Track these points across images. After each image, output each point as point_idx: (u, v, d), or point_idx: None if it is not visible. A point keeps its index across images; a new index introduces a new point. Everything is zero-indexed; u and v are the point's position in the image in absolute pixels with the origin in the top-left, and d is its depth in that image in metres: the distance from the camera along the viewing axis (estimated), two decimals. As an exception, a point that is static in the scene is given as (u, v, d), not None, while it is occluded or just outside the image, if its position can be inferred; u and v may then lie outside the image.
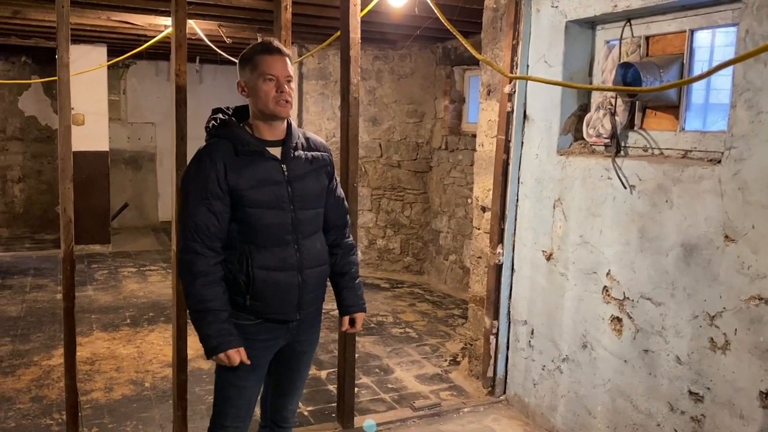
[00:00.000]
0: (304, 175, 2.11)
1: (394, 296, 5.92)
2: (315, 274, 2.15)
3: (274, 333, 2.14)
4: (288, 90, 2.04)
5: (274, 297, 2.07)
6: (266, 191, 2.03)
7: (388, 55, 6.40)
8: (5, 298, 5.47)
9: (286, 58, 2.07)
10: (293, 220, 2.07)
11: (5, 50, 7.90)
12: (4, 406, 3.45)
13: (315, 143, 2.21)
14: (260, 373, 2.19)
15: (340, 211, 2.28)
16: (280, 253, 2.05)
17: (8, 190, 8.47)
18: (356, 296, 2.32)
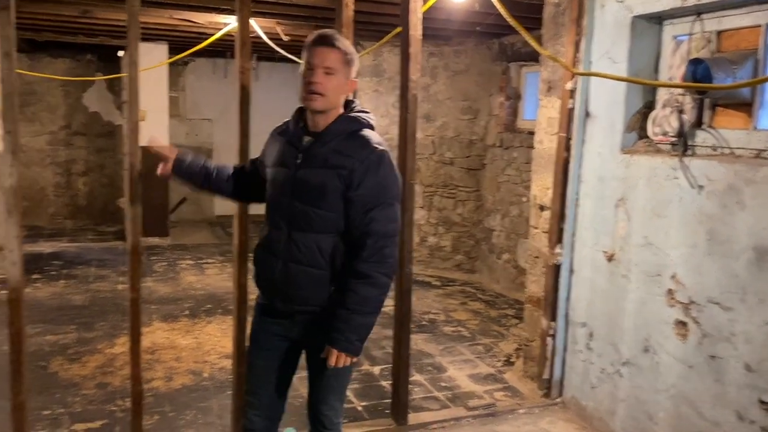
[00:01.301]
0: (312, 169, 2.06)
1: (446, 294, 5.90)
2: (302, 272, 2.07)
3: (276, 321, 2.19)
4: (318, 80, 2.00)
5: (260, 277, 2.19)
6: (277, 173, 2.15)
7: (443, 51, 6.36)
8: (71, 287, 5.69)
9: (336, 50, 2.03)
10: (288, 209, 2.10)
11: (72, 48, 8.20)
12: (72, 391, 3.59)
13: (349, 147, 2.04)
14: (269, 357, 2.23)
15: (358, 231, 2.03)
16: (272, 236, 2.13)
17: (73, 184, 8.80)
18: (336, 327, 2.02)
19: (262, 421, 2.30)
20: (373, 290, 2.02)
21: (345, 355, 2.04)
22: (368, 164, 2.02)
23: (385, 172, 2.05)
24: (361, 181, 2.02)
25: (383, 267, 2.03)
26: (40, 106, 8.47)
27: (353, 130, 2.09)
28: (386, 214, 2.04)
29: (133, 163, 2.54)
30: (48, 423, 3.22)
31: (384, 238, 2.02)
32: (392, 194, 2.08)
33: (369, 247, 2.01)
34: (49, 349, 4.19)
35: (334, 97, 2.07)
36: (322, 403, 2.25)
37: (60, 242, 7.56)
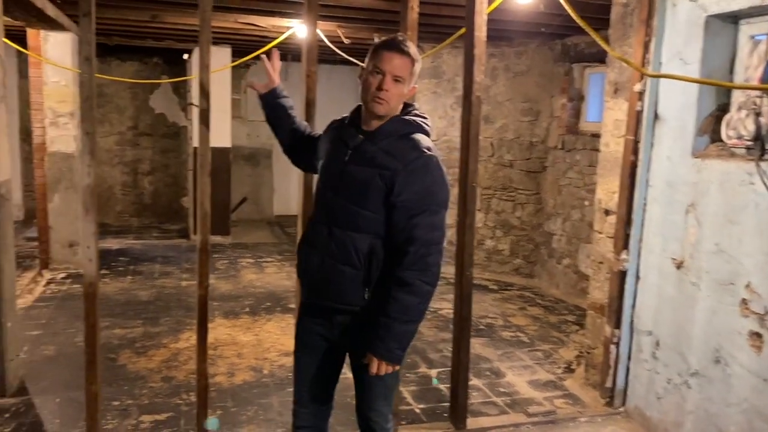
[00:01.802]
0: (358, 167, 2.05)
1: (503, 299, 5.83)
2: (337, 269, 2.05)
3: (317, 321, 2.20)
4: (389, 89, 1.99)
5: (301, 269, 2.19)
6: (326, 168, 2.18)
7: (503, 52, 6.30)
8: (137, 283, 5.89)
9: (406, 57, 2.02)
10: (331, 204, 2.10)
11: (140, 52, 8.49)
12: (139, 384, 3.71)
13: (398, 149, 2.02)
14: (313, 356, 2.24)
15: (401, 237, 1.99)
16: (316, 229, 2.14)
17: (139, 183, 9.12)
18: (375, 335, 2.00)
19: (310, 418, 2.32)
20: (415, 299, 1.98)
21: (386, 364, 2.02)
22: (413, 168, 1.99)
23: (431, 177, 2.01)
24: (405, 186, 1.98)
25: (426, 275, 1.99)
26: (110, 107, 8.81)
27: (406, 132, 2.06)
28: (431, 221, 1.99)
29: (204, 165, 2.61)
30: (117, 414, 3.34)
31: (427, 246, 1.98)
32: (438, 201, 2.02)
33: (411, 254, 1.97)
34: (118, 343, 4.35)
35: (397, 103, 2.07)
36: (370, 410, 2.25)
37: (126, 239, 7.84)
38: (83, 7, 2.36)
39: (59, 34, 5.87)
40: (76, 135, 6.16)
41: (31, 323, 4.63)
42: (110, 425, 3.20)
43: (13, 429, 3.14)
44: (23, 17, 4.88)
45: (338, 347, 2.22)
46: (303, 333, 2.27)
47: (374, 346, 2.01)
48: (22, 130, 8.41)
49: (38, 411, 3.34)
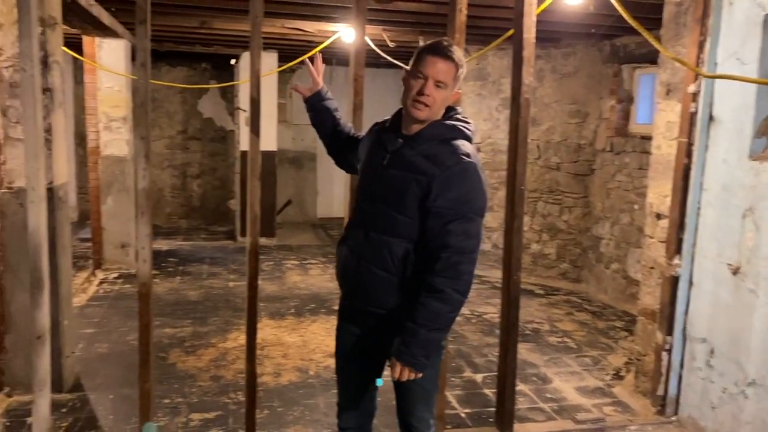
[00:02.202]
0: (396, 171, 2.03)
1: (550, 303, 5.75)
2: (372, 273, 2.05)
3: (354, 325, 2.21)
4: (430, 93, 1.96)
5: (339, 271, 2.21)
6: (365, 171, 2.18)
7: (550, 53, 6.22)
8: (186, 283, 6.02)
9: (450, 62, 1.98)
10: (368, 208, 2.10)
11: (189, 57, 8.70)
12: (188, 383, 3.79)
13: (436, 154, 1.99)
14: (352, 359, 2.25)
15: (434, 243, 1.96)
16: (353, 233, 2.15)
17: (188, 185, 9.32)
18: (401, 340, 1.98)
19: (354, 420, 2.34)
20: (444, 306, 1.95)
21: (408, 370, 1.98)
22: (450, 174, 1.95)
23: (469, 184, 1.97)
24: (441, 192, 1.95)
25: (457, 283, 1.95)
26: (160, 112, 9.03)
27: (446, 137, 2.03)
28: (465, 229, 1.95)
29: (254, 169, 2.65)
30: (168, 411, 3.42)
31: (460, 254, 1.94)
32: (474, 208, 1.98)
33: (444, 260, 1.93)
34: (168, 342, 4.45)
35: (439, 108, 2.03)
36: (410, 415, 2.24)
37: (175, 240, 8.02)
38: (139, 14, 2.42)
39: (113, 41, 6.06)
40: (128, 139, 6.34)
41: (85, 321, 4.78)
42: (162, 422, 3.28)
43: (70, 424, 3.25)
44: (80, 25, 5.05)
45: (376, 350, 2.21)
46: (342, 336, 2.29)
47: (398, 351, 1.99)
48: (77, 134, 8.70)
49: (93, 407, 3.44)
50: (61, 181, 3.54)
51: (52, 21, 3.37)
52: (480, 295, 5.85)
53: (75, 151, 8.76)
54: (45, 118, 3.28)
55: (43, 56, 3.24)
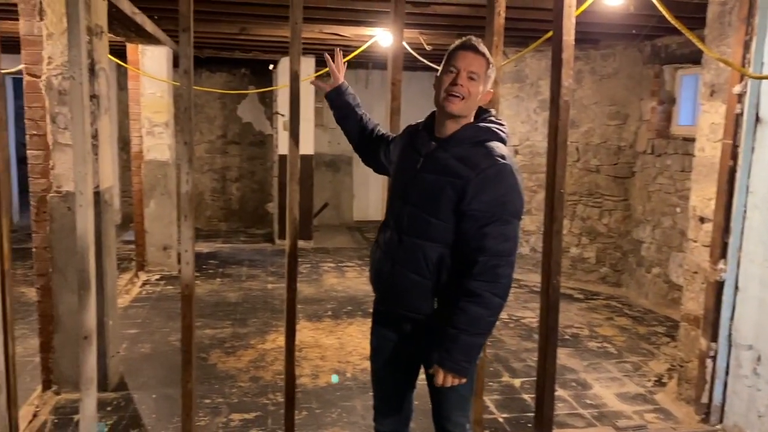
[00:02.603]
0: (430, 174, 2.02)
1: (589, 308, 5.66)
2: (406, 277, 2.05)
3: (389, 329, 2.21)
4: (463, 84, 1.96)
5: (372, 274, 2.22)
6: (398, 174, 2.18)
7: (589, 54, 6.14)
8: (225, 285, 6.12)
9: (481, 57, 2.00)
10: (402, 211, 2.09)
11: (228, 63, 8.85)
12: (228, 383, 3.85)
13: (471, 156, 1.97)
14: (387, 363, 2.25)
15: (470, 246, 1.94)
16: (387, 235, 2.14)
17: (227, 189, 9.48)
18: (442, 346, 1.96)
19: (390, 424, 2.34)
20: (484, 311, 1.93)
21: (452, 376, 1.97)
22: (486, 177, 1.93)
23: (505, 187, 1.95)
24: (476, 195, 1.93)
25: (495, 287, 1.93)
26: (201, 117, 9.20)
27: (480, 139, 2.01)
28: (502, 231, 1.93)
29: (293, 173, 2.68)
30: (209, 411, 3.48)
31: (497, 257, 1.92)
32: (510, 211, 1.96)
33: (481, 264, 1.91)
34: (209, 342, 4.53)
35: (473, 103, 2.02)
36: (446, 421, 2.23)
37: (215, 243, 8.16)
38: (183, 23, 2.48)
39: (155, 48, 6.20)
40: (170, 143, 6.49)
41: (128, 322, 4.90)
42: (202, 422, 3.34)
43: (114, 422, 3.33)
44: (124, 33, 5.19)
45: (411, 355, 2.21)
46: (376, 340, 2.29)
47: (440, 358, 1.97)
48: (121, 139, 8.93)
49: (136, 406, 3.53)
50: (106, 185, 3.64)
51: (98, 30, 3.48)
52: (518, 300, 5.80)
53: (119, 156, 8.99)
54: (92, 124, 3.38)
55: (90, 64, 3.33)
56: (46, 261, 3.51)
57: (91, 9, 3.33)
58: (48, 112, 3.40)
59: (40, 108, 3.44)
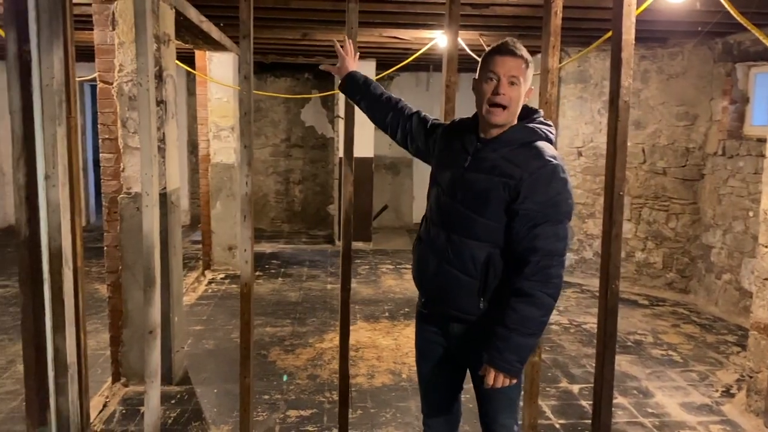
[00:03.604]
0: (479, 174, 2.00)
1: (654, 315, 5.49)
2: (453, 276, 2.02)
3: (434, 330, 2.20)
4: (505, 93, 1.94)
5: (417, 272, 2.19)
6: (444, 169, 2.12)
7: (656, 54, 5.95)
8: (287, 284, 6.26)
9: (520, 60, 1.96)
10: (449, 210, 2.06)
11: (292, 68, 9.04)
12: (287, 380, 3.94)
13: (521, 157, 1.96)
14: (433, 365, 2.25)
15: (522, 246, 1.93)
16: (432, 233, 2.11)
17: (290, 191, 9.68)
18: (493, 346, 1.94)
19: (439, 426, 2.34)
20: (536, 311, 1.91)
21: (503, 376, 1.95)
22: (538, 177, 1.92)
23: (557, 187, 1.93)
24: (529, 195, 1.92)
25: (548, 287, 1.91)
26: (265, 121, 9.44)
27: (528, 140, 2.00)
28: (554, 231, 1.92)
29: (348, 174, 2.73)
30: (267, 407, 3.57)
31: (550, 257, 1.91)
32: (563, 211, 1.95)
33: (533, 264, 1.90)
34: (269, 340, 4.65)
35: (516, 108, 2.00)
36: (494, 422, 2.20)
37: (278, 244, 8.35)
38: (243, 30, 2.57)
39: (222, 54, 6.41)
40: (235, 147, 6.69)
41: (194, 319, 5.08)
42: (260, 417, 3.43)
43: (178, 414, 3.47)
44: (192, 40, 5.39)
45: (457, 356, 2.20)
46: (422, 342, 2.28)
47: (491, 358, 1.95)
48: (190, 143, 9.27)
49: (199, 399, 3.66)
50: (173, 187, 3.80)
51: (166, 38, 3.63)
52: (579, 305, 5.69)
53: (188, 159, 9.33)
54: (159, 128, 3.54)
55: (157, 71, 3.49)
56: (117, 259, 3.69)
57: (159, 18, 3.49)
58: (119, 117, 3.58)
59: (112, 113, 3.62)
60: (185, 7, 4.09)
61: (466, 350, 2.13)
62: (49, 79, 2.51)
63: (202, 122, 6.76)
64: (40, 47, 2.48)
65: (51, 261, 2.61)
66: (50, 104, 2.53)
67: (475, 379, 2.16)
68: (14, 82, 2.44)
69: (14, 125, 2.47)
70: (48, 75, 2.51)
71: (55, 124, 2.54)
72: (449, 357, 2.21)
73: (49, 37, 2.49)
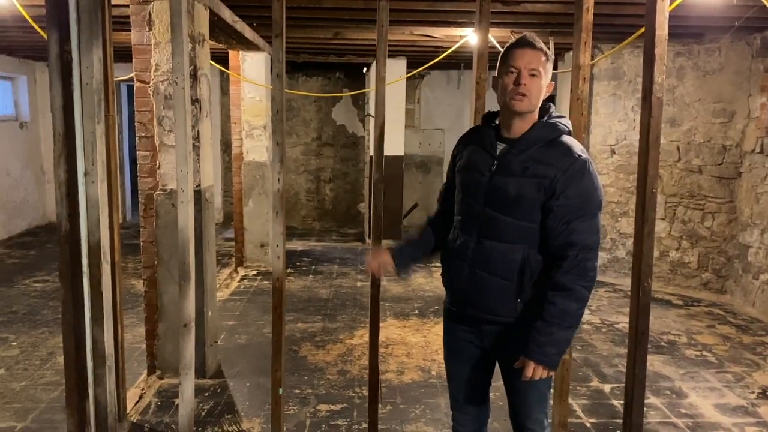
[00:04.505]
0: (508, 177, 2.00)
1: (689, 315, 5.40)
2: (489, 281, 2.04)
3: (465, 328, 2.20)
4: (527, 83, 1.95)
5: (448, 280, 2.20)
6: (470, 178, 2.11)
7: (691, 50, 5.85)
8: (317, 281, 6.32)
9: (539, 52, 1.97)
10: (480, 215, 2.06)
11: (323, 67, 9.11)
12: (317, 375, 3.99)
13: (551, 155, 1.97)
14: (462, 362, 2.25)
15: (558, 241, 1.96)
16: (462, 240, 2.12)
17: (321, 189, 9.76)
18: (533, 339, 1.96)
19: (469, 423, 2.34)
20: (574, 304, 1.95)
21: (542, 368, 1.97)
22: (572, 173, 1.95)
23: (588, 181, 1.97)
24: (563, 191, 1.94)
25: (584, 280, 1.96)
26: (297, 120, 9.53)
27: (553, 137, 2.01)
28: (589, 225, 1.96)
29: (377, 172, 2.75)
30: (298, 401, 3.62)
31: (586, 251, 1.95)
32: (595, 204, 1.99)
33: (571, 258, 1.94)
34: (300, 336, 4.70)
35: (537, 99, 2.00)
36: (526, 418, 2.21)
37: (309, 241, 8.43)
38: (276, 29, 2.61)
39: (255, 54, 6.50)
40: (267, 145, 6.77)
41: (227, 314, 5.17)
42: (291, 411, 3.48)
43: (211, 406, 3.54)
44: (225, 40, 5.48)
45: (488, 353, 2.21)
46: (451, 341, 2.29)
47: (530, 351, 1.96)
48: (223, 141, 9.41)
49: (231, 393, 3.73)
50: (207, 184, 3.87)
51: (201, 38, 3.71)
52: (612, 304, 5.63)
53: (221, 157, 9.47)
54: (194, 126, 3.61)
55: (192, 70, 3.57)
56: (152, 254, 3.78)
57: (194, 18, 3.56)
58: (155, 116, 3.66)
59: (148, 112, 3.71)
60: (219, 7, 4.16)
61: (500, 349, 2.14)
62: (89, 78, 2.59)
63: (235, 121, 6.87)
64: (81, 47, 2.56)
65: (90, 255, 2.69)
66: (90, 103, 2.61)
67: (507, 375, 2.17)
68: (56, 81, 2.53)
69: (56, 123, 2.56)
70: (88, 74, 2.59)
71: (95, 122, 2.62)
72: (480, 355, 2.21)
73: (89, 38, 2.57)
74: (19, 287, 5.99)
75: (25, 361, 4.17)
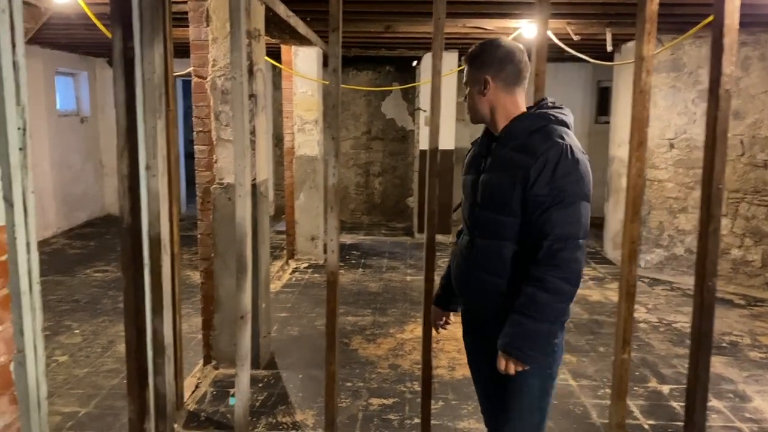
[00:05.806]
0: (492, 173, 1.98)
1: (752, 315, 5.19)
2: (482, 280, 2.02)
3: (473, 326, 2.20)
4: (465, 97, 2.10)
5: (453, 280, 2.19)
6: (466, 180, 2.15)
7: (758, 39, 5.61)
8: (367, 275, 6.33)
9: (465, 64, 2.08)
10: (471, 214, 2.07)
11: (374, 61, 9.11)
12: (369, 369, 4.00)
13: (528, 144, 1.90)
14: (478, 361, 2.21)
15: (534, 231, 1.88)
16: (462, 241, 2.16)
17: (370, 183, 9.78)
18: (505, 331, 1.90)
19: (492, 423, 2.28)
20: (545, 295, 1.84)
21: (512, 361, 1.88)
22: (544, 160, 1.85)
23: (564, 168, 1.84)
24: (536, 179, 1.85)
25: (559, 271, 1.84)
26: (347, 114, 9.56)
27: (537, 126, 1.94)
28: (564, 215, 1.84)
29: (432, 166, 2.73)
30: (350, 394, 3.64)
31: (561, 241, 1.83)
32: (573, 192, 1.85)
33: (545, 249, 1.84)
34: (350, 329, 4.72)
35: (481, 106, 2.06)
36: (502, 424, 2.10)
37: (358, 235, 8.46)
38: (332, 23, 2.61)
39: (307, 48, 6.54)
40: (318, 140, 6.82)
41: (279, 306, 5.24)
42: (344, 404, 3.50)
43: (265, 397, 3.59)
44: (279, 35, 5.53)
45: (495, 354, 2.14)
46: (466, 342, 2.29)
47: (502, 343, 1.91)
48: (275, 135, 9.52)
49: (284, 384, 3.77)
50: (262, 178, 3.92)
51: (257, 33, 3.75)
52: (669, 303, 5.46)
53: (273, 151, 9.59)
54: (250, 121, 3.65)
55: (249, 65, 3.61)
56: (209, 247, 3.85)
57: (251, 14, 3.60)
58: (212, 111, 3.72)
59: (205, 107, 3.77)
60: (274, 2, 4.20)
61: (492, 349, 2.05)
62: (150, 74, 2.64)
63: (287, 115, 6.93)
64: (143, 44, 2.62)
65: (151, 247, 2.76)
66: (151, 98, 2.67)
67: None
68: (119, 77, 2.59)
69: (119, 118, 2.62)
70: (149, 70, 2.64)
71: (156, 117, 2.68)
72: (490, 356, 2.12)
73: (151, 34, 2.62)
74: (80, 277, 6.21)
75: (87, 348, 4.31)
